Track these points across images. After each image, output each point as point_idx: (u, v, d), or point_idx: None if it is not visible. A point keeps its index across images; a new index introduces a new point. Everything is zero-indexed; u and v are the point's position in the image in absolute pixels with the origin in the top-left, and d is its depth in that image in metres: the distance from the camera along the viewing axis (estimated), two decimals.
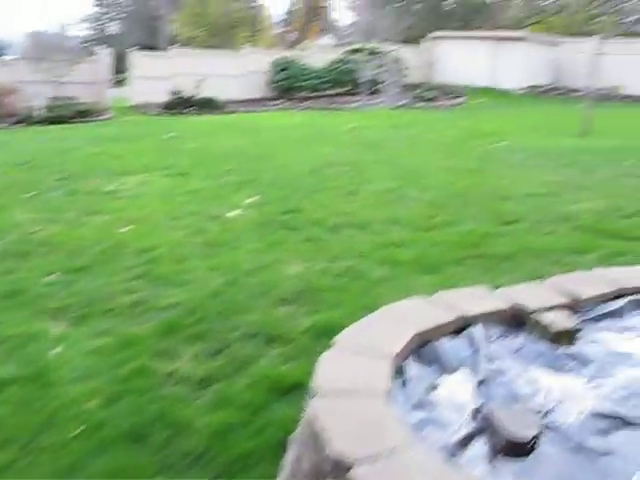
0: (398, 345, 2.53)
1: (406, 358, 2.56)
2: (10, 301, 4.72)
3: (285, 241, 5.90)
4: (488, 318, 2.80)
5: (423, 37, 27.58)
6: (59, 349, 3.98)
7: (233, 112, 18.68)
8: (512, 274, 4.88)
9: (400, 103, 19.90)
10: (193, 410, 3.32)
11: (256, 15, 45.99)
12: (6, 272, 5.32)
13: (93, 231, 6.35)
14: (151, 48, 31.13)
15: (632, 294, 2.99)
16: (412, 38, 28.63)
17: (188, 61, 21.47)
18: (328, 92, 22.74)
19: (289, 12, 49.81)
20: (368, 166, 9.20)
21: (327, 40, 44.18)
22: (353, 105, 20.00)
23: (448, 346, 2.69)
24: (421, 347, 2.68)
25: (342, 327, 3.98)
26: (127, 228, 6.40)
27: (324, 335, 3.90)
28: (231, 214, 6.83)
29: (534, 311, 2.75)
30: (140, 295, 4.74)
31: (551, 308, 2.78)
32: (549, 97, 24.50)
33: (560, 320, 2.69)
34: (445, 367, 2.53)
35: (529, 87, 25.37)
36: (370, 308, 4.32)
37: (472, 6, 35.20)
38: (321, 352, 3.71)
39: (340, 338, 2.74)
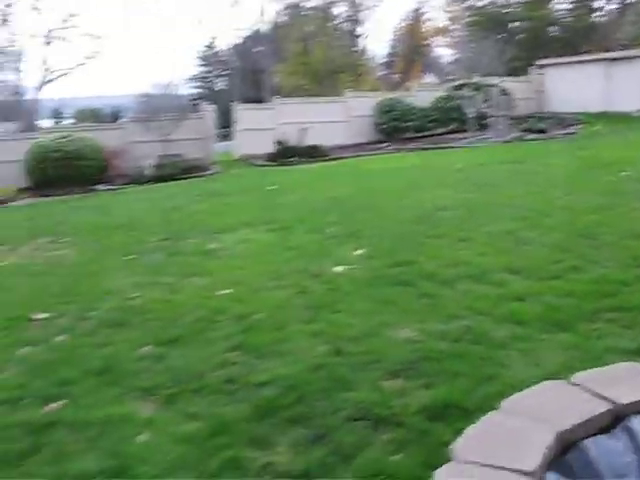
0: (534, 456, 1.97)
1: (546, 471, 1.99)
2: (101, 378, 4.46)
3: (395, 300, 5.36)
4: None
5: (528, 67, 26.63)
6: (146, 436, 3.63)
7: (338, 158, 18.41)
8: None
9: (510, 137, 19.05)
10: None
11: (358, 59, 46.31)
12: (101, 345, 5.10)
13: (190, 296, 6.07)
14: (256, 101, 31.74)
15: None
16: (517, 69, 27.75)
17: (291, 110, 21.52)
18: (434, 131, 22.18)
19: (391, 53, 49.91)
20: (480, 208, 8.56)
21: (430, 78, 43.77)
22: (461, 143, 19.31)
23: (600, 449, 2.10)
24: (564, 453, 2.10)
25: (461, 408, 3.43)
26: (225, 291, 6.07)
27: (440, 417, 3.40)
28: (335, 270, 6.38)
29: None
30: (235, 370, 4.34)
31: None
32: None
33: None
34: None
35: None
36: (493, 379, 3.76)
37: (578, 30, 33.95)
38: (436, 441, 3.17)
39: (459, 447, 2.18)
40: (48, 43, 42.00)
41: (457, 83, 23.75)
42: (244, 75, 47.04)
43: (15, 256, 8.97)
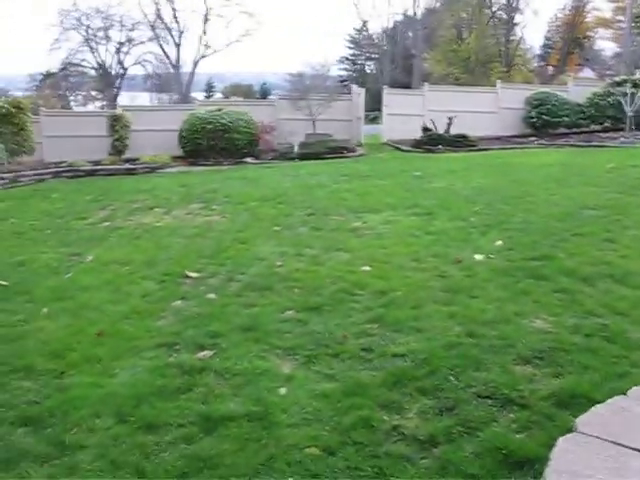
0: None
1: None
2: (247, 335, 4.88)
3: (532, 291, 5.45)
4: None
5: None
6: (286, 389, 3.98)
7: (485, 149, 18.20)
8: None
9: None
10: (413, 474, 3.09)
11: (512, 49, 45.26)
12: (248, 305, 5.54)
13: (333, 269, 6.41)
14: (405, 86, 31.78)
15: None
16: None
17: (440, 98, 21.48)
18: (587, 128, 21.42)
19: (546, 45, 48.38)
20: (630, 210, 8.34)
21: (587, 73, 42.10)
22: (615, 142, 18.51)
23: None
24: None
25: (588, 399, 3.53)
26: (367, 268, 6.35)
27: (567, 405, 3.53)
28: (475, 258, 6.51)
29: None
30: (372, 340, 4.62)
31: None
32: None
33: None
34: None
35: None
36: (625, 377, 3.81)
37: None
38: (561, 426, 3.30)
39: (583, 420, 2.33)
40: (207, 20, 43.82)
41: (617, 79, 22.73)
42: (394, 59, 47.14)
43: (170, 218, 9.66)
